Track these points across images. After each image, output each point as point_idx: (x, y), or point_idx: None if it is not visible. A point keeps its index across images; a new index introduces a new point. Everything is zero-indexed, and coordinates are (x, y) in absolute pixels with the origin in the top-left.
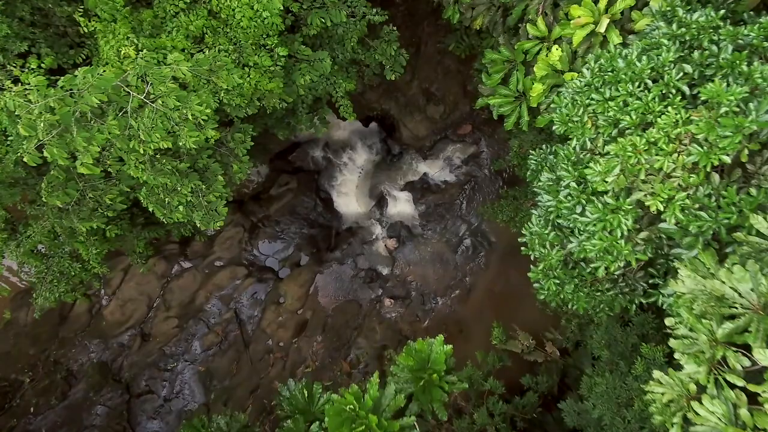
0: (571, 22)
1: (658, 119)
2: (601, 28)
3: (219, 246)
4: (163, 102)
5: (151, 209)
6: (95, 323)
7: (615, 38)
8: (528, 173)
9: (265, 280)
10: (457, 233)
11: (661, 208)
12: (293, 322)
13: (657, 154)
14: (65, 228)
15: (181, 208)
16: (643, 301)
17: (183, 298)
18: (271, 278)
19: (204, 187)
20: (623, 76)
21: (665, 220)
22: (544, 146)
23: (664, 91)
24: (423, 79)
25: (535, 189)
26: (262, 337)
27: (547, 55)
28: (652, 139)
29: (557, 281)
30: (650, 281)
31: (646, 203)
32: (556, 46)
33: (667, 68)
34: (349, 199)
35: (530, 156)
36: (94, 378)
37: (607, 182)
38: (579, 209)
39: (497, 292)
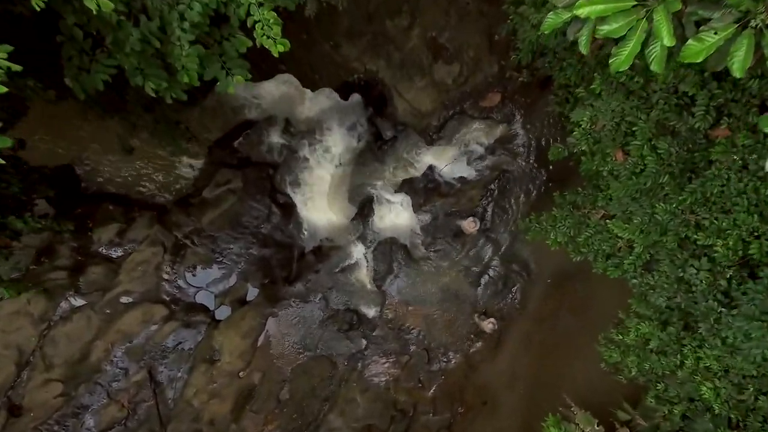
0: None
1: None
2: None
3: (127, 274)
4: None
5: None
6: None
7: None
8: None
9: (195, 324)
10: (478, 257)
11: None
12: (233, 389)
13: None
14: None
15: None
16: None
17: (72, 351)
18: (203, 321)
19: None
20: None
21: None
22: None
23: None
24: (428, 26)
25: None
26: (188, 412)
27: None
28: None
29: None
30: None
31: None
32: None
33: None
34: (319, 204)
35: None
36: None
37: None
38: None
39: (539, 344)
